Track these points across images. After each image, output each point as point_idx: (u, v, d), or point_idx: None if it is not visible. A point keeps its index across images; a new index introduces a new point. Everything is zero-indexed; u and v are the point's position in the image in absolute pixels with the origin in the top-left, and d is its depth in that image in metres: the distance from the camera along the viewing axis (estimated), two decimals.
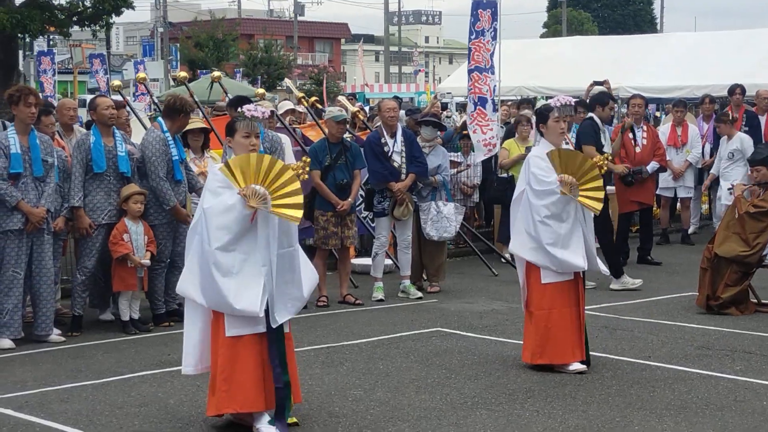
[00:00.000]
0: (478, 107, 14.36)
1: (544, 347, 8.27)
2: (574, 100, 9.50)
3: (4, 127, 9.70)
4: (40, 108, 9.59)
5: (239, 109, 7.00)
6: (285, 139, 11.55)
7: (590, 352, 8.67)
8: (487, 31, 14.56)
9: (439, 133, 12.51)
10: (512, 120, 15.81)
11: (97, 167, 9.66)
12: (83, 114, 15.33)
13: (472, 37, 14.62)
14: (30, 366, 8.55)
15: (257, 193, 6.54)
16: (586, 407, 7.29)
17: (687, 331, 9.76)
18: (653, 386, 7.82)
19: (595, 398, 7.50)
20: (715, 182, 15.44)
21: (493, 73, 14.49)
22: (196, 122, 10.88)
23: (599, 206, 8.26)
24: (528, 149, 11.98)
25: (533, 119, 12.82)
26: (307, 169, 6.80)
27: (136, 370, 8.33)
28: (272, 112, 11.23)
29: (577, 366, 8.24)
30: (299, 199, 6.65)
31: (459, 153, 14.57)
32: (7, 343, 9.16)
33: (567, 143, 8.52)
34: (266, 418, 6.74)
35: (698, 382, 7.93)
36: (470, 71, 14.56)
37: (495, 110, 14.76)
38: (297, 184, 6.65)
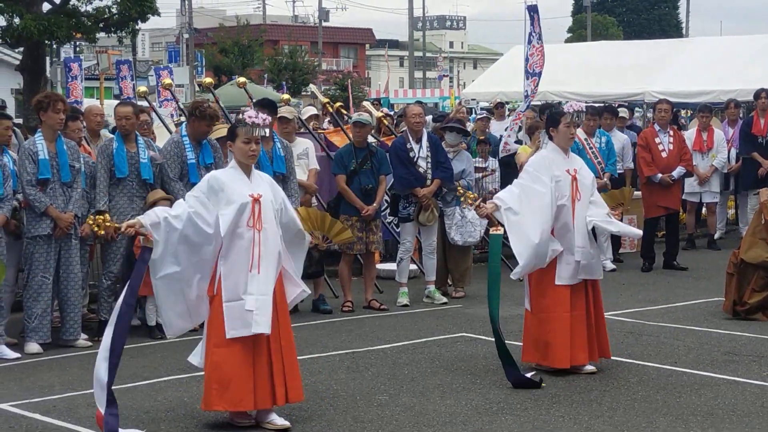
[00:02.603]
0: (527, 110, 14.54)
1: (545, 350, 8.32)
2: (601, 105, 9.55)
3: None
4: (67, 114, 9.67)
5: (240, 116, 7.19)
6: (309, 144, 11.58)
7: (615, 358, 8.71)
8: (536, 36, 14.56)
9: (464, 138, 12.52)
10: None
11: (119, 173, 9.73)
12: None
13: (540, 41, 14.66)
14: (57, 370, 8.61)
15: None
16: (612, 413, 7.27)
17: (713, 337, 9.72)
18: (679, 392, 7.79)
19: (621, 404, 7.49)
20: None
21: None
22: (220, 131, 10.92)
23: None
24: None
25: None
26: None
27: (162, 375, 8.37)
28: (283, 117, 11.26)
29: (587, 367, 8.34)
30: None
31: (477, 158, 14.52)
32: (36, 347, 9.22)
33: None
34: (273, 414, 6.97)
35: (725, 388, 7.90)
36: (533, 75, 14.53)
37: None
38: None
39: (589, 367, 8.34)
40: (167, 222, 6.84)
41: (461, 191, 8.61)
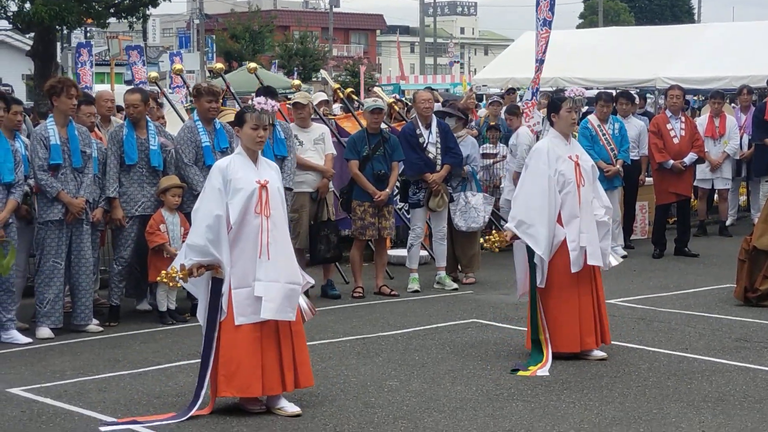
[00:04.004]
0: (533, 98, 14.34)
1: (554, 335, 8.30)
2: (617, 91, 9.50)
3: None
4: (79, 99, 9.68)
5: (250, 102, 7.18)
6: (325, 129, 11.59)
7: (626, 344, 8.73)
8: (540, 21, 14.41)
9: (472, 123, 12.50)
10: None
11: (128, 159, 9.74)
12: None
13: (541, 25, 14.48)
14: (69, 355, 8.63)
15: None
16: (623, 399, 7.27)
17: (725, 323, 9.70)
18: (690, 378, 7.78)
19: (632, 390, 7.48)
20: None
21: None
22: (229, 115, 10.98)
23: None
24: None
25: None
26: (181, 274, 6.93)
27: (173, 360, 8.38)
28: (298, 103, 11.28)
29: (597, 353, 8.34)
30: None
31: (486, 144, 14.48)
32: (47, 332, 9.24)
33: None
34: (283, 400, 6.99)
35: (736, 375, 7.88)
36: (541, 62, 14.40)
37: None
38: None
39: (599, 353, 8.33)
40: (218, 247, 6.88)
41: (489, 240, 8.44)
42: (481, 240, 8.53)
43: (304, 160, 10.99)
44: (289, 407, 6.96)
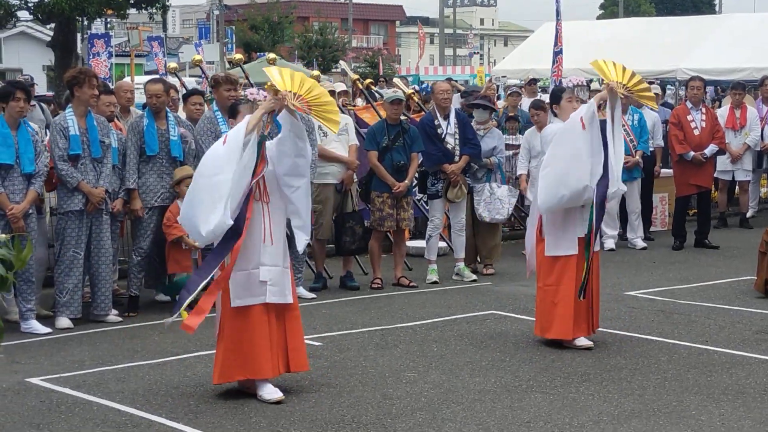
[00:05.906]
0: None
1: (551, 322, 8.33)
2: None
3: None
4: (100, 89, 9.70)
5: (243, 93, 7.28)
6: (349, 120, 11.58)
7: (646, 336, 8.70)
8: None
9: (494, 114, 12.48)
10: None
11: (149, 150, 9.75)
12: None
13: (559, 18, 14.50)
14: (88, 345, 8.65)
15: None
16: (642, 391, 7.24)
17: (745, 316, 9.65)
18: (710, 371, 7.74)
19: (651, 382, 7.45)
20: None
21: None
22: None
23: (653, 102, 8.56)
24: None
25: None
26: None
27: (191, 351, 8.39)
28: (332, 91, 11.29)
29: (584, 342, 8.32)
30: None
31: (506, 135, 14.43)
32: (66, 322, 9.27)
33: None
34: (270, 387, 7.03)
35: (756, 367, 7.84)
36: (557, 53, 14.39)
37: None
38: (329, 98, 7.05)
39: (586, 342, 8.33)
40: None
41: None
42: None
43: (329, 151, 10.97)
44: (273, 394, 7.02)
